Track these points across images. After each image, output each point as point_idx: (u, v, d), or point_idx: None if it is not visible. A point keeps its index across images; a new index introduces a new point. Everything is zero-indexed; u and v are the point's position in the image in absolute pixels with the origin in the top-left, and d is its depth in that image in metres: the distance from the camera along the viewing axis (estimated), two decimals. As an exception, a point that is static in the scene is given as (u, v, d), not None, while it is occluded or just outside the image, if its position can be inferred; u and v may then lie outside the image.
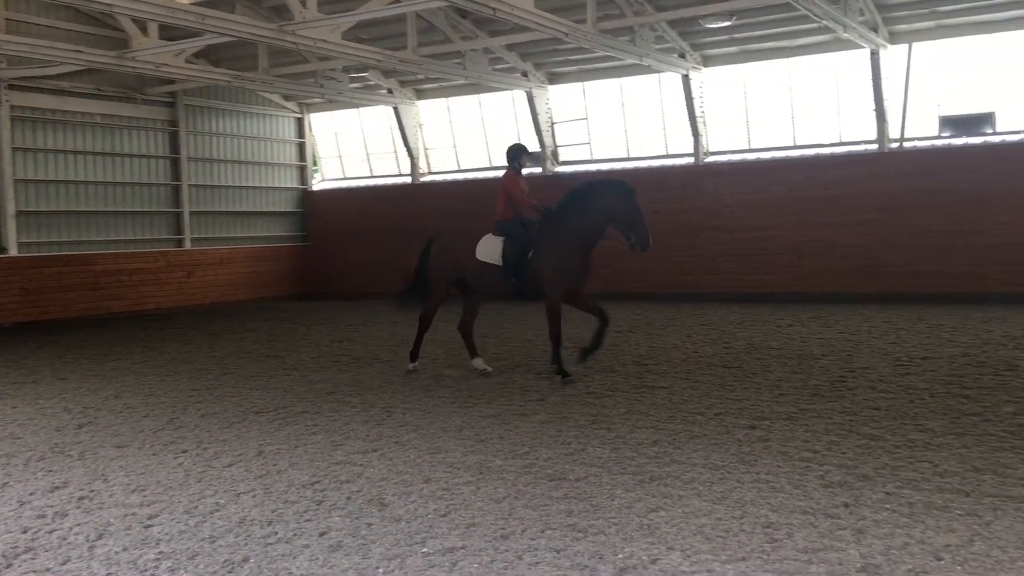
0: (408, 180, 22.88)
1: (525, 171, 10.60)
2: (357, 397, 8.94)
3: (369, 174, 23.89)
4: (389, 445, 6.91)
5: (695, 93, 18.47)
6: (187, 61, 16.95)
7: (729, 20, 15.14)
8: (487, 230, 9.94)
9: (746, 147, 18.82)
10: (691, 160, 19.14)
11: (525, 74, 19.59)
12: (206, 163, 21.70)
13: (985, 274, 15.85)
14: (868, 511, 5.00)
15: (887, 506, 5.07)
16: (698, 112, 18.64)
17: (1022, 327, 12.04)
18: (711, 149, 19.11)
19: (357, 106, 22.80)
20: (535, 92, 20.02)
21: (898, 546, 4.47)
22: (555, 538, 4.76)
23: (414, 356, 10.46)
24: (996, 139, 16.31)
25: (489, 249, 9.78)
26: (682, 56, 17.84)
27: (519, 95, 20.61)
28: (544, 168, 20.78)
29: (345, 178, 24.27)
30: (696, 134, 18.80)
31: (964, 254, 16.08)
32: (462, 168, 22.41)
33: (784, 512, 5.04)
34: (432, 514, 5.22)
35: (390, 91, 21.43)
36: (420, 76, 20.25)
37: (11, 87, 17.65)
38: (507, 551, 4.60)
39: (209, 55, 19.62)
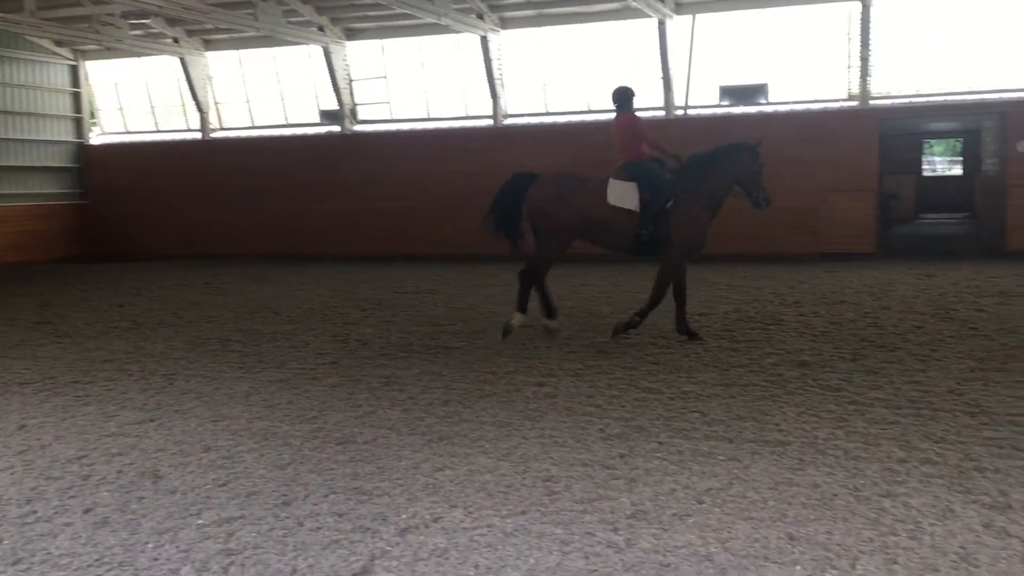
0: (199, 136, 21.75)
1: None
2: (136, 365, 8.47)
3: (154, 128, 22.51)
4: (168, 414, 6.59)
5: (493, 55, 18.59)
6: (-63, -3, 15.26)
7: (525, -17, 15.28)
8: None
9: (543, 111, 19.18)
10: (491, 122, 19.29)
11: (321, 28, 19.02)
12: (-35, 112, 19.72)
13: (760, 236, 16.98)
14: (641, 460, 5.26)
15: (658, 455, 5.36)
16: (496, 74, 18.78)
17: (788, 284, 13.03)
18: (509, 112, 19.34)
19: (140, 55, 21.35)
20: (332, 48, 19.50)
21: (665, 492, 4.74)
22: (339, 502, 4.70)
23: (551, 312, 9.24)
24: (769, 108, 17.46)
25: (622, 193, 8.86)
26: (480, 17, 17.88)
27: (316, 50, 20.00)
28: (342, 127, 20.34)
29: (128, 132, 22.75)
30: (495, 96, 18.96)
31: (743, 215, 17.09)
32: (256, 124, 21.55)
33: (564, 465, 5.22)
34: (210, 484, 5.03)
35: (176, 40, 20.22)
36: (208, 26, 19.20)
37: None
38: (288, 518, 4.50)
39: (-35, -8, 17.73)
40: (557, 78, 18.99)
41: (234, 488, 4.96)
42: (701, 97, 18.07)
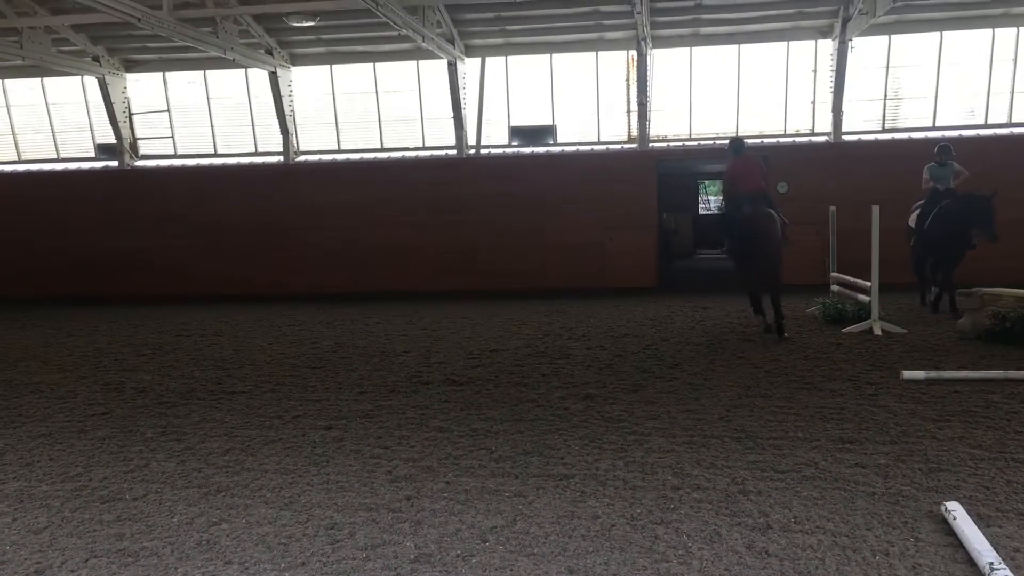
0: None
1: None
2: None
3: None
4: (-94, 480, 5.91)
5: (284, 91, 18.25)
6: None
7: (313, 20, 15.14)
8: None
9: (335, 148, 19.00)
10: (281, 159, 18.88)
11: (97, 59, 17.99)
12: None
13: (550, 272, 17.53)
14: (428, 502, 5.23)
15: (445, 495, 5.35)
16: (288, 110, 18.44)
17: (577, 319, 13.48)
18: (302, 148, 19.02)
19: None
20: (109, 79, 18.47)
21: (451, 533, 4.73)
22: (100, 567, 4.37)
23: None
24: (556, 149, 18.13)
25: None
26: (269, 52, 17.53)
27: (91, 81, 18.87)
28: (121, 162, 19.27)
29: None
30: (285, 132, 18.59)
31: (535, 252, 17.64)
32: (24, 159, 20.01)
33: (349, 511, 5.10)
34: (-49, 557, 4.54)
35: (-71, 66, 18.49)
36: (-33, 52, 17.70)
37: None
38: (41, 589, 4.13)
39: None
40: (350, 116, 18.87)
41: (-21, 559, 4.50)
42: (493, 137, 18.51)
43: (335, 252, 18.14)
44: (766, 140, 17.50)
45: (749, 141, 15.35)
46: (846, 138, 17.27)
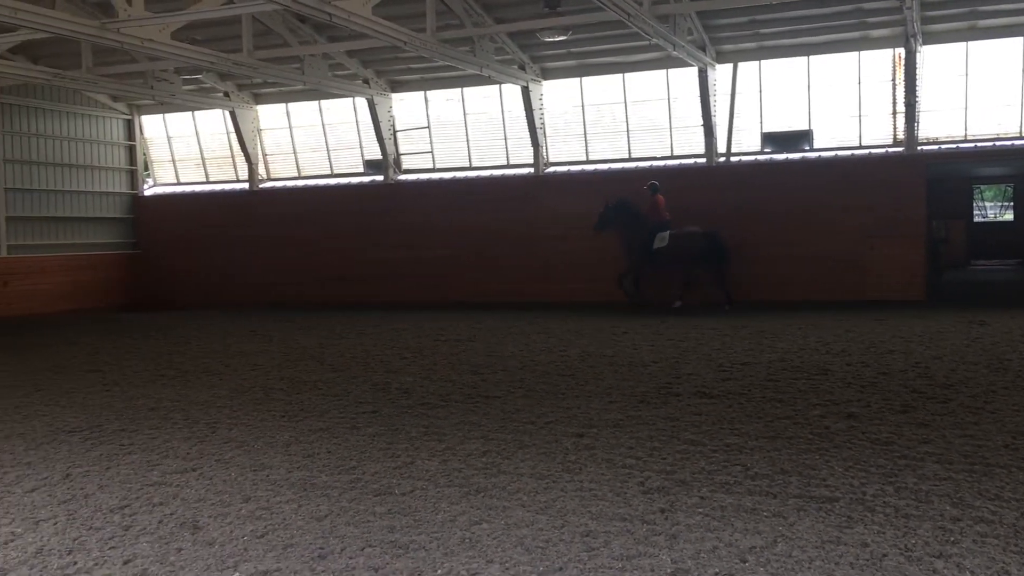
0: (246, 186, 22.18)
1: None
2: (180, 413, 8.55)
3: (205, 180, 23.02)
4: (210, 463, 6.63)
5: (535, 104, 18.77)
6: (1, 56, 15.84)
7: (565, 35, 15.46)
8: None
9: (583, 159, 19.28)
10: (531, 171, 19.42)
11: (367, 81, 19.38)
12: (25, 165, 20.38)
13: (803, 282, 16.80)
14: (683, 516, 5.16)
15: (700, 510, 5.25)
16: (538, 123, 18.94)
17: (835, 333, 12.81)
18: (551, 160, 19.47)
19: (192, 109, 21.93)
20: (377, 99, 19.84)
21: (708, 550, 4.63)
22: (375, 556, 4.67)
23: None
24: (812, 155, 17.35)
25: None
26: (522, 68, 18.10)
27: (361, 102, 20.37)
28: (386, 176, 20.62)
29: (179, 184, 23.29)
30: (536, 145, 19.10)
31: (785, 263, 17.00)
32: (303, 175, 21.94)
33: (603, 520, 5.13)
34: (248, 535, 5.03)
35: (227, 94, 20.74)
36: (258, 80, 19.69)
37: None
38: (324, 571, 4.47)
39: (27, 51, 18.38)
40: (598, 127, 19.09)
41: (271, 540, 4.95)
42: (744, 144, 18.03)
43: (581, 263, 18.39)
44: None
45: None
46: None
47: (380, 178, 20.78)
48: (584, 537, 4.86)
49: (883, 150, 17.00)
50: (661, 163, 18.54)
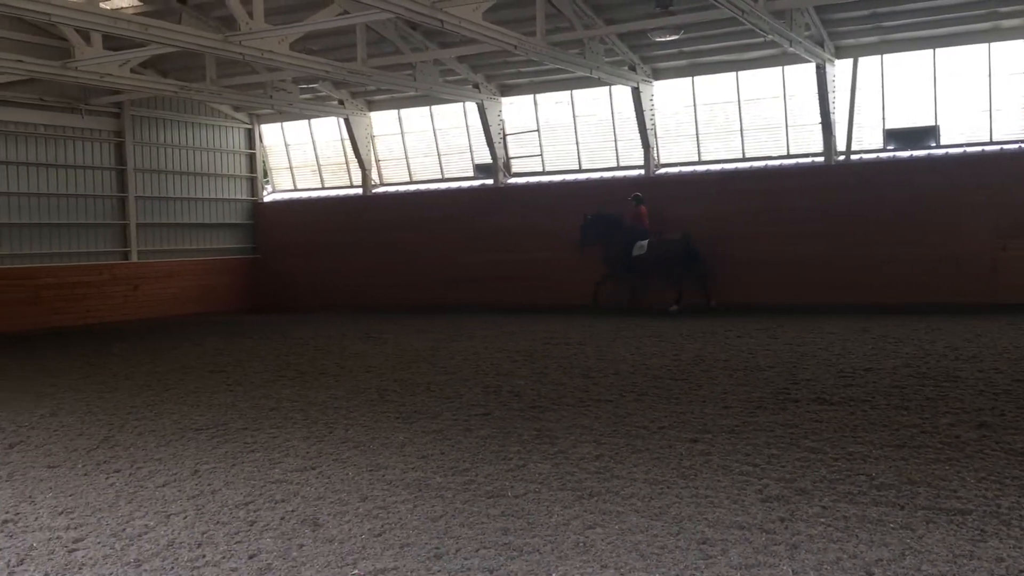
0: (360, 192, 22.72)
1: None
2: (300, 413, 8.80)
3: (320, 186, 23.69)
4: (328, 462, 6.79)
5: (645, 105, 18.59)
6: (133, 71, 16.69)
7: (677, 34, 15.25)
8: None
9: (696, 159, 18.98)
10: (642, 172, 19.24)
11: (477, 86, 19.58)
12: (153, 174, 21.39)
13: (929, 284, 16.11)
14: (803, 525, 5.00)
15: (822, 520, 5.08)
16: (649, 124, 18.75)
17: (964, 338, 12.23)
18: (662, 161, 19.24)
19: (308, 117, 22.61)
20: (487, 104, 20.01)
21: (830, 561, 4.47)
22: (489, 557, 4.69)
23: None
24: (939, 152, 16.62)
25: None
26: (632, 69, 17.95)
27: (471, 106, 20.59)
28: (496, 180, 20.77)
29: (296, 190, 24.04)
30: (647, 146, 18.91)
31: (909, 265, 16.34)
32: (415, 180, 22.31)
33: (720, 528, 5.02)
34: (366, 534, 5.13)
35: (341, 102, 21.28)
36: (371, 87, 20.16)
37: (-50, 97, 17.25)
38: (439, 571, 4.52)
39: (156, 65, 19.33)
40: (710, 126, 18.77)
41: (388, 539, 5.03)
42: (865, 141, 17.42)
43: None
44: None
45: None
46: None
47: (490, 182, 20.95)
48: (701, 544, 4.76)
49: (1016, 146, 16.13)
50: (777, 162, 18.09)
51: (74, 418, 8.97)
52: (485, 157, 20.93)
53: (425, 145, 22.06)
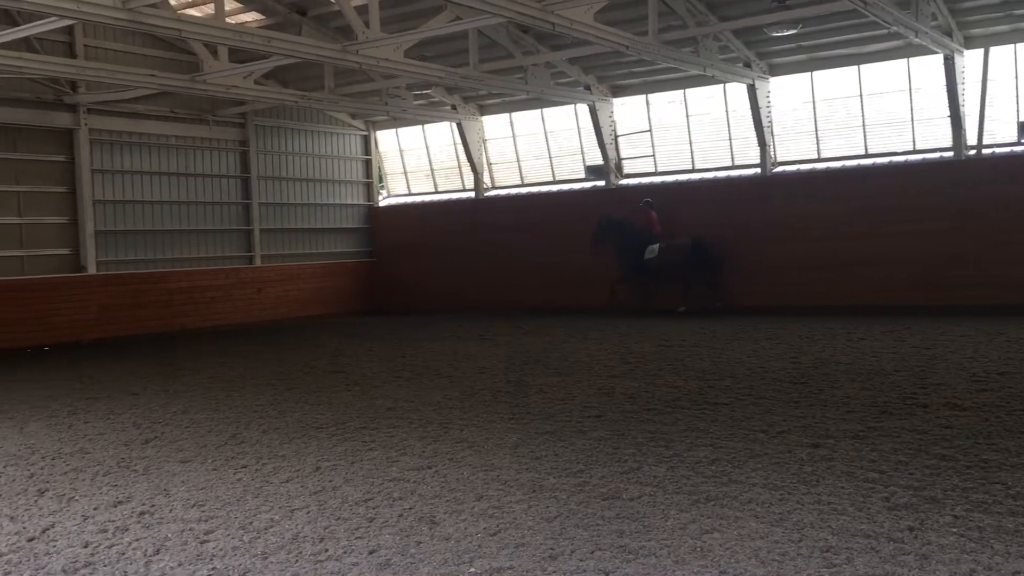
0: (472, 195, 22.98)
1: None
2: (415, 413, 8.96)
3: (434, 190, 24.08)
4: (444, 462, 6.89)
5: (762, 102, 18.17)
6: (256, 82, 17.34)
7: (795, 28, 14.86)
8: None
9: (815, 156, 18.44)
10: (758, 171, 18.82)
11: (588, 87, 19.53)
12: (275, 181, 22.16)
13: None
14: (934, 535, 4.79)
15: (954, 530, 4.85)
16: (765, 121, 18.32)
17: (1109, 340, 11.50)
18: (779, 159, 18.77)
19: (422, 123, 23.02)
20: (598, 105, 19.94)
21: (964, 573, 4.27)
22: (604, 559, 4.66)
23: None
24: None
25: None
26: (747, 65, 17.58)
27: (582, 108, 20.56)
28: (607, 182, 20.67)
29: (410, 194, 24.50)
30: (763, 144, 18.49)
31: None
32: (526, 183, 22.42)
33: (845, 536, 4.85)
34: (482, 533, 5.18)
35: (454, 107, 21.59)
36: (483, 92, 20.36)
37: (90, 111, 18.30)
38: (555, 572, 4.52)
39: (278, 76, 20.04)
40: (830, 123, 18.20)
41: (504, 538, 5.07)
42: (997, 135, 16.58)
43: (811, 264, 17.59)
44: None
45: None
46: None
47: (601, 184, 20.86)
48: (824, 553, 4.62)
49: None
50: (902, 158, 17.39)
51: (204, 415, 9.37)
52: (596, 159, 20.85)
53: (536, 148, 22.15)
